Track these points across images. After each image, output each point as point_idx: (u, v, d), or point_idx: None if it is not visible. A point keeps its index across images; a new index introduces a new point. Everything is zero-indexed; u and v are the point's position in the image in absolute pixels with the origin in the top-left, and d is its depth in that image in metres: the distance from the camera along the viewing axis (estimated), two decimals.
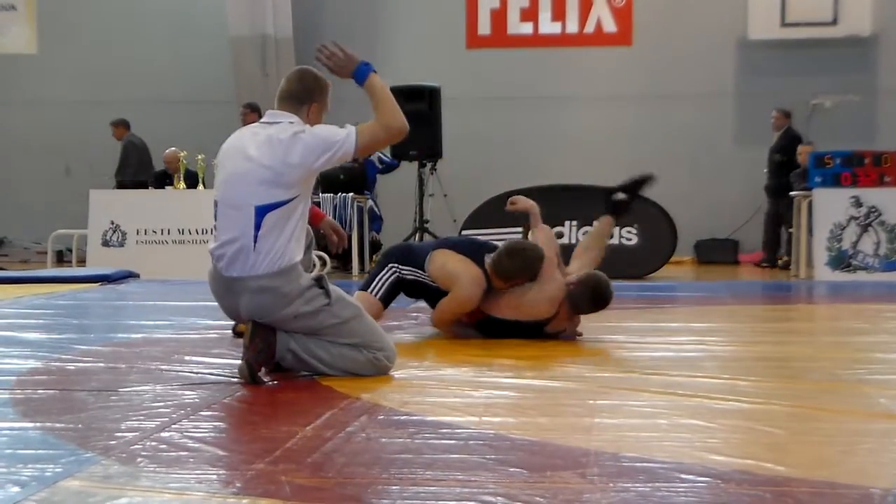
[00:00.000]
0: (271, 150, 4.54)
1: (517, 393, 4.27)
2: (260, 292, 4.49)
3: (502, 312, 5.83)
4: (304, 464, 3.07)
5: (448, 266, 5.88)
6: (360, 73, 4.75)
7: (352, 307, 4.66)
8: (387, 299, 6.08)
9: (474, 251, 5.96)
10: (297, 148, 4.50)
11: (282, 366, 4.65)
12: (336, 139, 4.55)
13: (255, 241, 4.47)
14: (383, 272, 6.09)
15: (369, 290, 6.06)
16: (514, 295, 5.82)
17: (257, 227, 4.47)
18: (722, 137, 15.19)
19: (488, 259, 5.86)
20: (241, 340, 4.75)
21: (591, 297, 5.72)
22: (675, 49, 15.13)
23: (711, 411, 3.82)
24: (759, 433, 3.49)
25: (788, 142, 13.17)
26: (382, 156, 13.01)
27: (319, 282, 4.58)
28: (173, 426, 3.57)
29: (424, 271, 5.95)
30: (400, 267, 6.03)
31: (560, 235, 11.71)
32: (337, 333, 4.59)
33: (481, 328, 5.92)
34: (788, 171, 12.87)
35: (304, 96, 4.72)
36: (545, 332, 5.83)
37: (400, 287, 6.07)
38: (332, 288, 4.61)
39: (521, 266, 5.77)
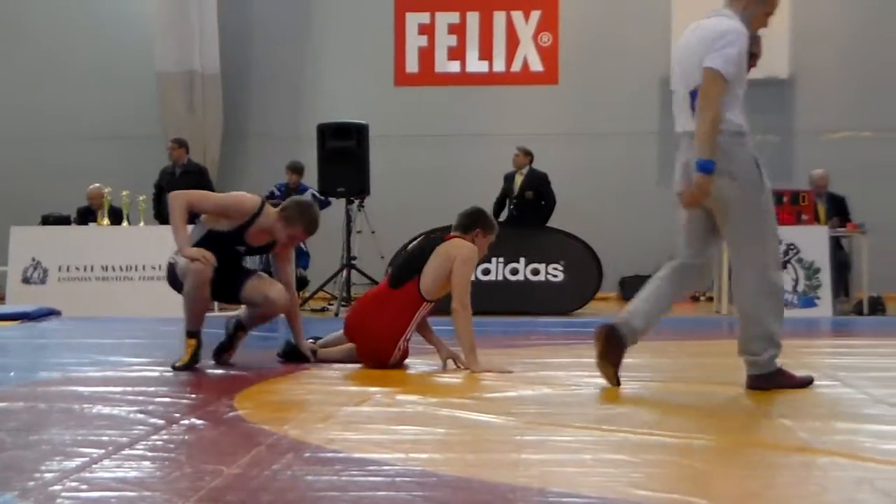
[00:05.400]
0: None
1: (444, 429, 4.25)
2: None
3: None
4: (230, 503, 3.03)
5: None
6: None
7: None
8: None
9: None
10: None
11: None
12: None
13: None
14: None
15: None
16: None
17: None
18: (646, 176, 15.37)
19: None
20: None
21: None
22: (600, 88, 15.33)
23: (636, 446, 3.84)
24: (683, 467, 3.51)
25: (536, 180, 13.04)
26: (316, 194, 12.98)
27: None
28: (95, 466, 3.50)
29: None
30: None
31: (487, 272, 11.75)
32: None
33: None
34: (537, 208, 12.80)
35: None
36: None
37: None
38: None
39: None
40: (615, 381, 5.33)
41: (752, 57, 5.39)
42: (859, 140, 14.89)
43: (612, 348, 5.29)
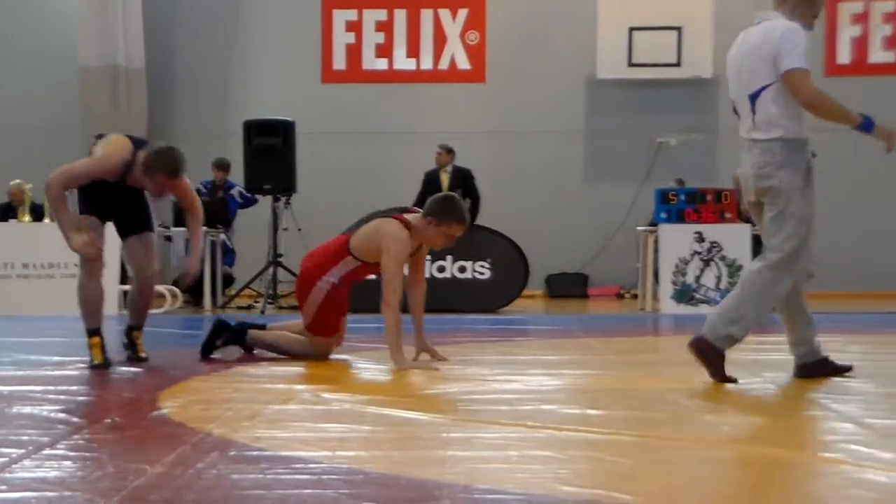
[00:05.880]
0: None
1: (370, 426, 4.25)
2: None
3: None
4: (153, 502, 2.99)
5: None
6: None
7: None
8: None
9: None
10: None
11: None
12: None
13: None
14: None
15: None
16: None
17: None
18: (572, 174, 15.48)
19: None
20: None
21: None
22: (527, 87, 15.39)
23: (562, 442, 3.87)
24: (608, 463, 3.54)
25: (462, 176, 13.00)
26: (243, 191, 12.89)
27: None
28: (14, 466, 3.44)
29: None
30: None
31: None
32: None
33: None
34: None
35: None
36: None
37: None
38: None
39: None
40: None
41: None
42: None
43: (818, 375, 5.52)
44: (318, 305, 6.43)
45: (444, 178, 13.00)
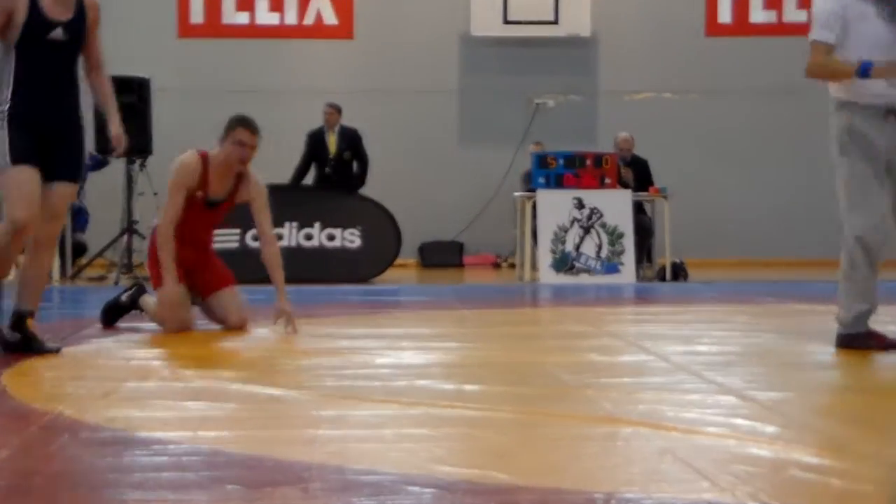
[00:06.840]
0: None
1: (235, 404, 4.21)
2: None
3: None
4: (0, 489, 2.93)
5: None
6: None
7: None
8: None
9: None
10: None
11: None
12: None
13: None
14: None
15: None
16: None
17: None
18: (446, 135, 15.50)
19: None
20: None
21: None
22: (398, 43, 15.34)
23: (437, 419, 3.89)
24: (485, 441, 3.57)
25: (350, 137, 12.99)
26: (93, 152, 12.60)
27: None
28: None
29: None
30: None
31: (280, 237, 11.66)
32: None
33: None
34: (353, 168, 13.00)
35: None
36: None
37: None
38: None
39: None
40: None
41: None
42: (660, 101, 15.39)
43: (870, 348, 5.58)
44: (149, 247, 6.77)
45: (332, 139, 12.89)
